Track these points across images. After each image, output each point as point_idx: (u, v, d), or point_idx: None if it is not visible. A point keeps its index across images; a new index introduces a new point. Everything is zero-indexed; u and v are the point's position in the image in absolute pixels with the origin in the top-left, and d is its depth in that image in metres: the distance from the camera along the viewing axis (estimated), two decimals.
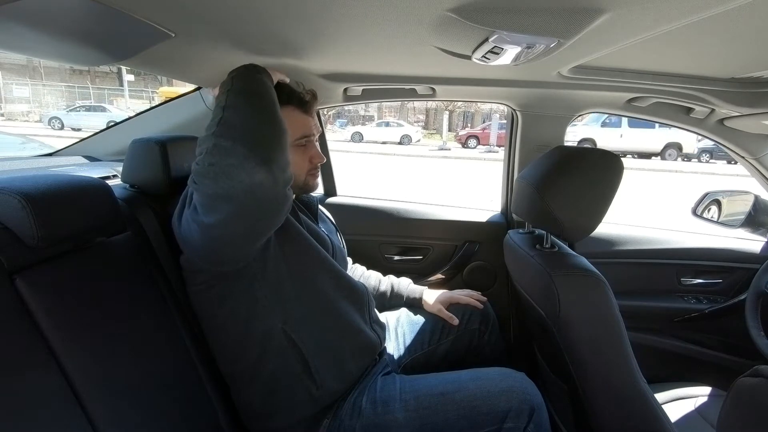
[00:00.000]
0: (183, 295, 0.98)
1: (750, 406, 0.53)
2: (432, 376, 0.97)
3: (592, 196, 0.85)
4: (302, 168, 0.96)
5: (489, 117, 20.40)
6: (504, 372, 0.95)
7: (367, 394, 0.92)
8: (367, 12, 0.65)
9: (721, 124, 1.31)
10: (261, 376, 0.88)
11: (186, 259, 0.87)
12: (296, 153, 0.93)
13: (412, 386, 0.93)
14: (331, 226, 1.18)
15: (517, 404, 0.86)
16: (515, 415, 0.84)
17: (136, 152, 1.03)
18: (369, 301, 1.05)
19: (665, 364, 1.46)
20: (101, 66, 1.09)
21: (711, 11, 0.55)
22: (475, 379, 0.93)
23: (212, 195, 0.68)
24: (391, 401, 0.90)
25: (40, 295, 0.65)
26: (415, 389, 0.92)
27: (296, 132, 0.93)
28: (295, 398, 0.88)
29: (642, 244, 1.51)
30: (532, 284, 0.96)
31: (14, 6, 0.54)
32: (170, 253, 0.99)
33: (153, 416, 0.76)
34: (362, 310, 1.01)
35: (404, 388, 0.92)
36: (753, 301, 1.28)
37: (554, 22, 0.61)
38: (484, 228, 1.59)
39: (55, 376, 0.63)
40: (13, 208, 0.64)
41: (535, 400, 0.87)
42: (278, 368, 0.87)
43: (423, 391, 0.91)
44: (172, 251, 1.00)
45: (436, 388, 0.91)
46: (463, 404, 0.87)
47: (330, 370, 0.89)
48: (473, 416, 0.86)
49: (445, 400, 0.88)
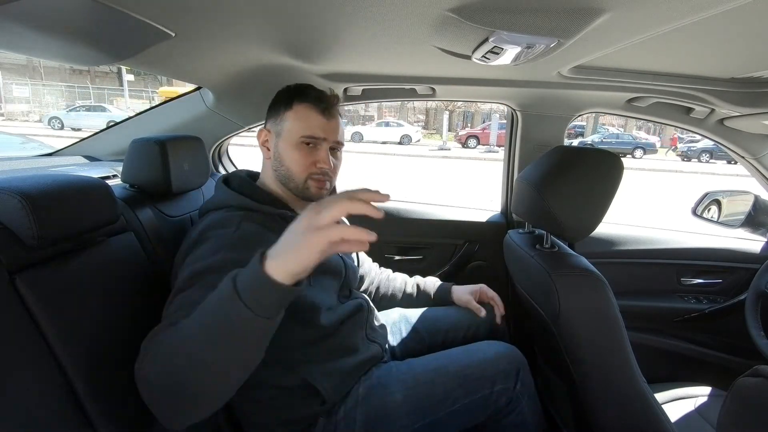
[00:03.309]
0: None
1: (750, 406, 0.53)
2: (425, 357, 1.01)
3: (592, 196, 0.85)
4: (302, 168, 0.89)
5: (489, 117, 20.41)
6: (490, 343, 1.03)
7: (365, 384, 0.93)
8: (367, 12, 0.65)
9: (721, 124, 1.31)
10: (264, 387, 0.87)
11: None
12: (299, 150, 0.89)
13: (409, 367, 0.96)
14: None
15: (505, 366, 0.93)
16: (504, 377, 0.91)
17: (136, 152, 1.03)
18: (369, 314, 1.05)
19: (665, 364, 1.46)
20: (101, 66, 1.09)
21: (711, 11, 0.56)
22: (465, 351, 0.99)
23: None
24: (389, 384, 0.92)
25: (40, 294, 0.65)
26: (411, 369, 0.95)
27: (302, 129, 0.89)
28: (300, 412, 0.88)
29: (642, 244, 1.51)
30: (532, 284, 0.96)
31: (14, 6, 0.54)
32: (170, 253, 0.99)
33: (152, 416, 0.76)
34: (363, 327, 1.02)
35: (401, 370, 0.95)
36: (753, 301, 1.28)
37: (554, 22, 0.61)
38: (484, 228, 1.59)
39: (54, 376, 0.63)
40: (13, 208, 0.64)
41: (519, 362, 0.95)
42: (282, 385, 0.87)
43: (419, 369, 0.94)
44: (171, 251, 1.00)
45: (431, 365, 0.96)
46: (457, 374, 0.91)
47: (334, 385, 0.89)
48: (467, 384, 0.90)
49: (439, 373, 0.92)
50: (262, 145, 0.95)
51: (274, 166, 0.92)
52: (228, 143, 1.64)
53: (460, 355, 0.98)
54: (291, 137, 0.89)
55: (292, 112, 0.90)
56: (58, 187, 0.71)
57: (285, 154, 0.90)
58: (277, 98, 0.94)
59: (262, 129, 0.95)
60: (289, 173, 0.90)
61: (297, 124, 0.89)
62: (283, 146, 0.90)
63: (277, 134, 0.91)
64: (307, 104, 0.90)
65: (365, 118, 23.81)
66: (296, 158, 0.89)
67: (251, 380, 0.84)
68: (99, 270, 0.77)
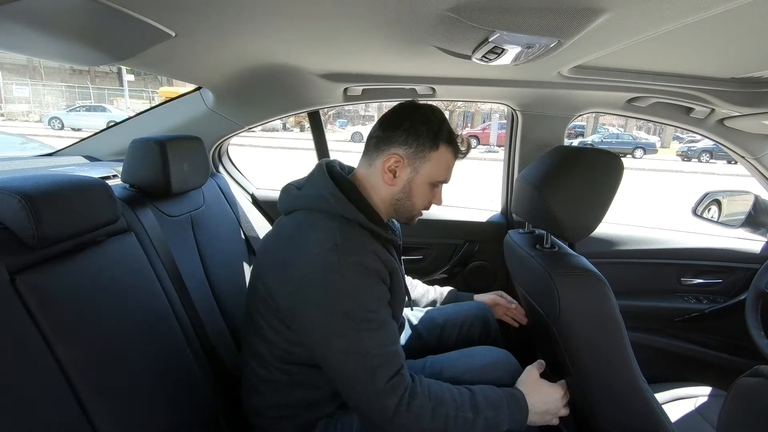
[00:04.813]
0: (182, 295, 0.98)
1: (750, 405, 0.53)
2: (422, 360, 1.01)
3: (592, 196, 0.85)
4: (425, 204, 0.92)
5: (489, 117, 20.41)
6: (488, 348, 1.03)
7: None
8: (367, 12, 0.65)
9: (721, 124, 1.31)
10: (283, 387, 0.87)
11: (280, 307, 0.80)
12: (427, 190, 0.90)
13: None
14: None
15: (500, 375, 0.94)
16: (500, 385, 0.89)
17: (136, 152, 1.03)
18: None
19: (665, 364, 1.46)
20: (101, 66, 1.09)
21: (710, 11, 0.55)
22: (462, 356, 1.00)
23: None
24: None
25: (41, 294, 0.65)
26: None
27: (440, 174, 0.89)
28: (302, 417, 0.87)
29: (642, 244, 1.51)
30: (532, 284, 0.96)
31: (14, 6, 0.54)
32: (169, 253, 0.99)
33: (153, 416, 0.76)
34: None
35: None
36: (753, 301, 1.28)
37: (554, 22, 0.61)
38: (484, 228, 1.59)
39: (55, 376, 0.63)
40: (13, 208, 0.64)
41: (515, 370, 0.95)
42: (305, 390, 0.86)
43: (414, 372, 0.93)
44: (171, 251, 1.00)
45: (426, 370, 0.96)
46: (452, 380, 0.90)
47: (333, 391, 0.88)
48: None
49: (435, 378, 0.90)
50: (388, 170, 0.86)
51: (396, 195, 0.89)
52: (228, 143, 1.64)
53: (457, 360, 0.99)
54: (428, 178, 0.88)
55: (437, 153, 0.86)
56: (59, 187, 0.71)
57: (417, 191, 0.88)
58: (419, 126, 0.86)
59: (393, 155, 0.86)
60: (412, 207, 0.90)
61: (439, 168, 0.88)
62: (418, 183, 0.88)
63: (414, 169, 0.87)
64: (451, 150, 0.89)
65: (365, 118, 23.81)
66: (425, 197, 0.90)
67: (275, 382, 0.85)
68: (99, 270, 0.77)
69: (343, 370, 0.74)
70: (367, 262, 0.76)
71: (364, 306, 0.74)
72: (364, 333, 0.73)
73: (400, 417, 0.73)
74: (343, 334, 0.73)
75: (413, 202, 0.90)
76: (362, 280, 0.75)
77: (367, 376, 0.72)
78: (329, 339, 0.74)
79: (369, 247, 0.79)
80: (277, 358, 0.84)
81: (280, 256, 0.80)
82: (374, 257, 0.78)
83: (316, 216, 0.82)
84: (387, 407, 0.72)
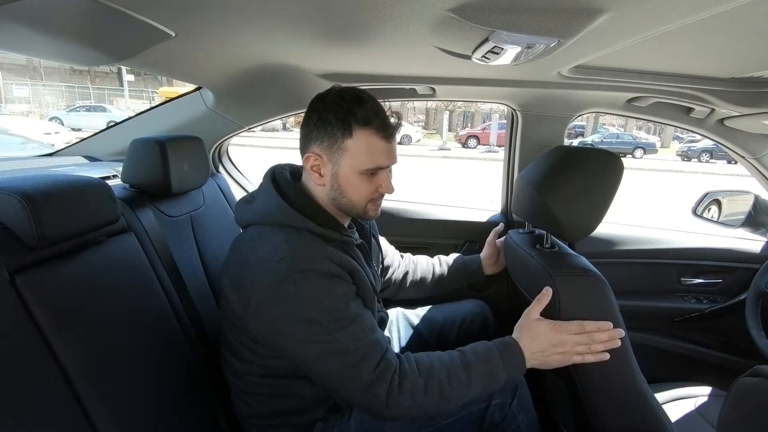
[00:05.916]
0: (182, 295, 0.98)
1: (750, 405, 0.53)
2: None
3: (592, 196, 0.85)
4: (364, 196, 0.84)
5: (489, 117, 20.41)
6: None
7: None
8: (367, 12, 0.65)
9: (721, 124, 1.31)
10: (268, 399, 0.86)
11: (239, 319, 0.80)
12: (363, 182, 0.82)
13: None
14: (378, 255, 1.09)
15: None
16: (501, 392, 0.87)
17: (136, 152, 1.03)
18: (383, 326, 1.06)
19: (665, 364, 1.46)
20: (101, 66, 1.09)
21: (711, 11, 0.55)
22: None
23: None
24: None
25: (41, 295, 0.65)
26: None
27: (366, 161, 0.80)
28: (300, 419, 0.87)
29: (642, 244, 1.51)
30: (532, 284, 0.96)
31: (14, 6, 0.54)
32: (169, 253, 0.99)
33: (152, 415, 0.76)
34: None
35: None
36: (753, 301, 1.28)
37: (554, 22, 0.61)
38: (485, 228, 1.59)
39: (55, 376, 0.63)
40: (13, 208, 0.64)
41: (517, 378, 0.90)
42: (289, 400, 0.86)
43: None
44: (171, 251, 1.00)
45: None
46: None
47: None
48: None
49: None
50: (312, 170, 0.83)
51: (330, 194, 0.84)
52: (228, 143, 1.64)
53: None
54: (354, 168, 0.80)
55: (352, 141, 0.78)
56: (59, 187, 0.71)
57: (346, 185, 0.82)
58: (325, 115, 0.79)
59: (311, 154, 0.81)
60: (351, 203, 0.84)
61: (360, 157, 0.79)
62: (344, 177, 0.81)
63: (335, 164, 0.80)
64: (370, 132, 0.78)
65: None
66: (360, 189, 0.82)
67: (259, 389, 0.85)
68: (99, 270, 0.77)
69: (328, 373, 0.74)
70: (321, 267, 0.75)
71: (329, 309, 0.73)
72: (337, 334, 0.73)
73: (394, 400, 0.72)
74: (317, 341, 0.73)
75: (349, 198, 0.83)
76: (318, 285, 0.74)
77: (353, 373, 0.72)
78: (305, 347, 0.73)
79: (321, 252, 0.77)
80: (256, 375, 0.84)
81: (237, 275, 0.79)
82: (328, 262, 0.76)
83: (264, 230, 0.81)
84: (379, 395, 0.72)
